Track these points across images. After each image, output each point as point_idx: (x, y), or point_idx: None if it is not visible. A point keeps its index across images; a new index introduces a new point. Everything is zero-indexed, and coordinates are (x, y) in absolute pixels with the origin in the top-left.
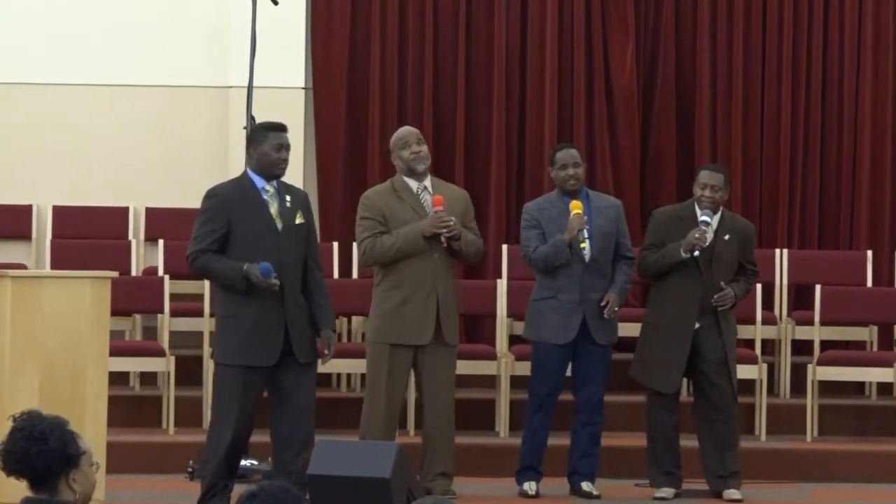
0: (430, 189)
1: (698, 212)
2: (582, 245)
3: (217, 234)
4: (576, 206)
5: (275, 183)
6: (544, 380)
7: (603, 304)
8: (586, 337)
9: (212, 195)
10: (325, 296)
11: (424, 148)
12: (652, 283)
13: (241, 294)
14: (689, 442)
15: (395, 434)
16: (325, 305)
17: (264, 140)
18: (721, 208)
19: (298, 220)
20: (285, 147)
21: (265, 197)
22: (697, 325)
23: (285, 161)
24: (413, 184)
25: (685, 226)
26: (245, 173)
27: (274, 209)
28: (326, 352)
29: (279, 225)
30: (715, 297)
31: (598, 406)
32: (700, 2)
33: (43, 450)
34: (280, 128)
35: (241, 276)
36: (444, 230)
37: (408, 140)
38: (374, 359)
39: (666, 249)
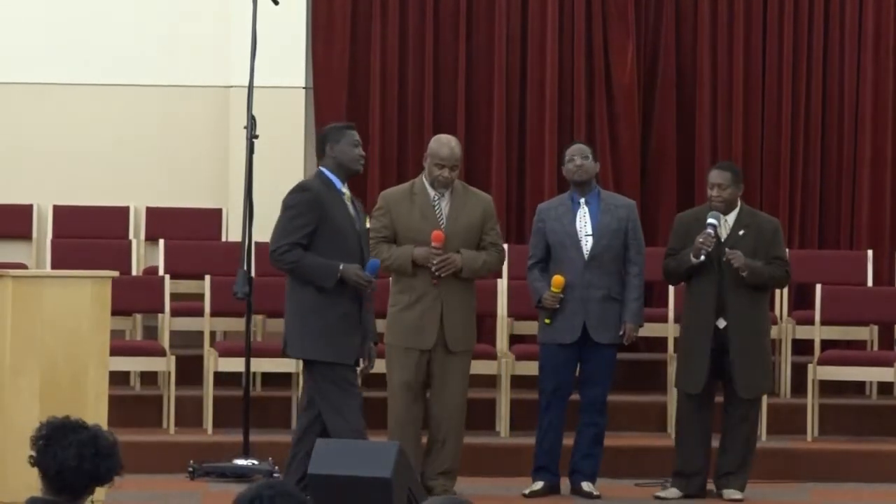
0: (447, 198)
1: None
2: (546, 321)
3: (309, 228)
4: (556, 284)
5: (347, 186)
6: (548, 378)
7: (621, 333)
8: (590, 337)
9: (305, 188)
10: (371, 306)
11: (454, 175)
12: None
13: (324, 291)
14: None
15: (413, 433)
16: (370, 316)
17: (342, 138)
18: (740, 203)
19: (367, 225)
20: (360, 144)
21: (344, 199)
22: (724, 325)
23: (363, 157)
24: (432, 191)
25: (702, 228)
26: (321, 173)
27: (351, 211)
28: (366, 363)
29: (357, 226)
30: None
31: (602, 407)
32: (700, 0)
33: (111, 467)
34: (353, 127)
35: (335, 274)
36: (433, 267)
37: (443, 162)
38: (387, 359)
39: (681, 255)
